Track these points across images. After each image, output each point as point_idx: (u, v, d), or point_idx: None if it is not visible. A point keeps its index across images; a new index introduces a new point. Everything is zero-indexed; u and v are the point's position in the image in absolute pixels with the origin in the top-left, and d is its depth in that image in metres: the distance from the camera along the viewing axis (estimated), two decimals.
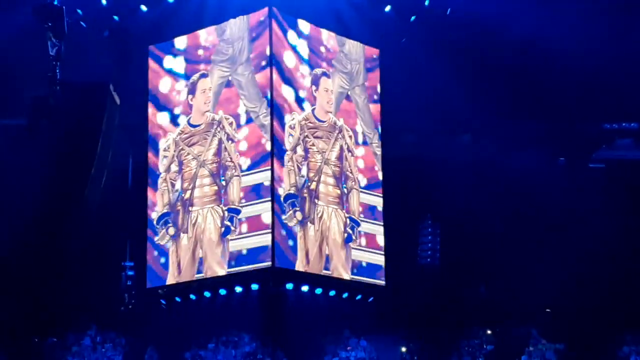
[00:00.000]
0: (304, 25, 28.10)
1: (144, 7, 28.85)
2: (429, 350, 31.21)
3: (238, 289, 27.53)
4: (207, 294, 27.88)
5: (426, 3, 29.20)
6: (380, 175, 29.04)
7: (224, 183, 27.29)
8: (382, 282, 28.71)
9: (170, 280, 27.62)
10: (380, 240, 28.68)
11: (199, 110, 28.17)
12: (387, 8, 29.27)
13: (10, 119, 30.20)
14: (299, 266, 26.85)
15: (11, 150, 29.77)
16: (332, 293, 28.09)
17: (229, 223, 27.01)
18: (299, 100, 27.74)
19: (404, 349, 31.32)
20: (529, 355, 30.91)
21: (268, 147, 26.71)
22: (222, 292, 27.71)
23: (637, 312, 30.95)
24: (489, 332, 31.80)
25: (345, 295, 28.40)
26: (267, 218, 26.45)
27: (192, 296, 28.09)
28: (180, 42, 28.59)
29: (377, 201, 28.83)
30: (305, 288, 27.60)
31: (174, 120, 28.53)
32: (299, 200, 27.08)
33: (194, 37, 28.38)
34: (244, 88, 27.48)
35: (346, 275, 27.77)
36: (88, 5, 28.60)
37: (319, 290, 27.86)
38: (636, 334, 31.12)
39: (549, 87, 30.25)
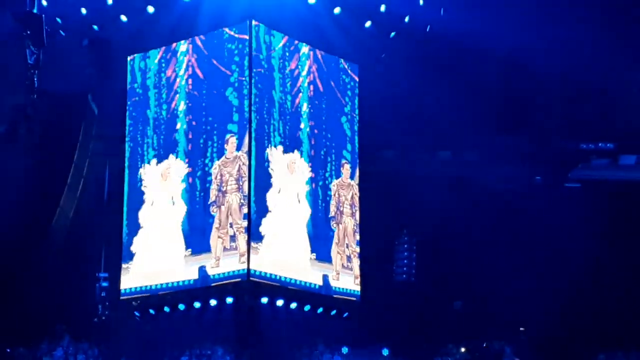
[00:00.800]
0: None
1: (123, 17, 28.78)
2: None
3: (213, 302, 27.35)
4: (181, 306, 27.71)
5: (406, 20, 29.31)
6: None
7: None
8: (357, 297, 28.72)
9: None
10: None
11: None
12: (368, 24, 29.34)
13: None
14: None
15: None
16: (307, 308, 28.00)
17: None
18: None
19: None
20: None
21: None
22: (197, 305, 27.52)
23: (611, 331, 31.04)
24: (462, 349, 31.74)
25: (320, 310, 28.30)
26: None
27: (166, 308, 27.90)
28: None
29: None
30: (280, 302, 27.47)
31: None
32: None
33: None
34: None
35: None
36: (68, 15, 28.54)
37: (293, 305, 27.75)
38: (610, 353, 31.21)
39: (527, 105, 30.54)
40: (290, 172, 27.74)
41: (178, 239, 27.61)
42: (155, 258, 27.97)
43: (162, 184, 28.11)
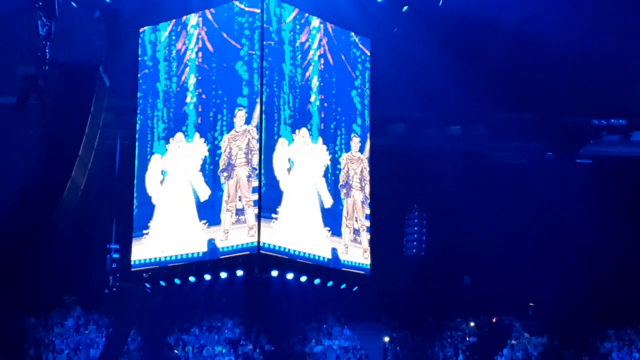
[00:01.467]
0: None
1: None
2: (412, 340, 31.22)
3: (223, 275, 27.45)
4: (191, 278, 27.79)
5: None
6: None
7: None
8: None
9: None
10: None
11: None
12: None
13: (0, 97, 30.05)
14: None
15: (0, 128, 29.75)
16: (316, 281, 28.04)
17: None
18: None
19: (387, 339, 31.34)
20: (512, 348, 30.99)
21: None
22: (207, 277, 27.63)
23: (620, 308, 31.09)
24: (472, 324, 31.86)
25: (329, 283, 28.35)
26: None
27: (177, 280, 28.01)
28: None
29: None
30: (290, 275, 27.54)
31: None
32: None
33: None
34: None
35: None
36: None
37: (303, 278, 27.81)
38: (619, 329, 31.26)
39: (539, 80, 30.34)
40: (302, 146, 27.85)
41: (190, 211, 27.72)
42: (167, 230, 28.08)
43: (174, 157, 28.26)
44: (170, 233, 27.85)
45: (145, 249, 28.14)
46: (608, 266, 31.25)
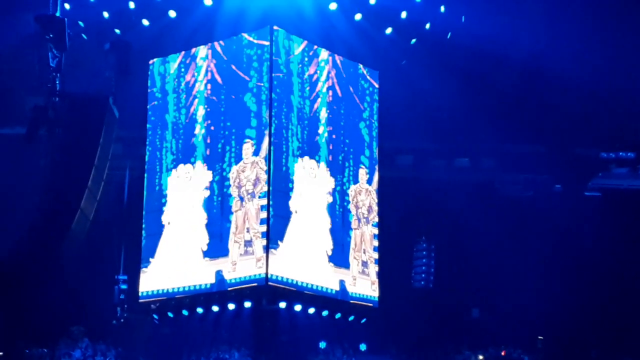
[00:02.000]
0: None
1: (145, 22, 28.99)
2: None
3: (231, 306, 27.45)
4: (199, 310, 27.82)
5: (427, 27, 29.31)
6: None
7: None
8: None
9: None
10: None
11: None
12: (388, 30, 29.38)
13: (10, 128, 30.22)
14: None
15: (10, 159, 29.87)
16: (324, 313, 28.02)
17: None
18: None
19: None
20: None
21: None
22: (215, 308, 27.64)
23: (631, 341, 30.89)
24: (480, 357, 31.67)
25: (337, 316, 28.33)
26: None
27: (185, 312, 28.01)
28: None
29: None
30: (298, 307, 27.52)
31: None
32: None
33: None
34: None
35: None
36: (90, 18, 28.76)
37: (311, 310, 27.78)
38: None
39: (548, 113, 30.41)
40: (310, 178, 27.87)
41: (197, 243, 27.77)
42: (175, 262, 28.11)
43: (182, 189, 28.31)
44: (177, 264, 27.96)
45: (153, 280, 28.21)
46: (618, 299, 31.10)
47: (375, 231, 29.00)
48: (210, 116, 27.96)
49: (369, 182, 29.23)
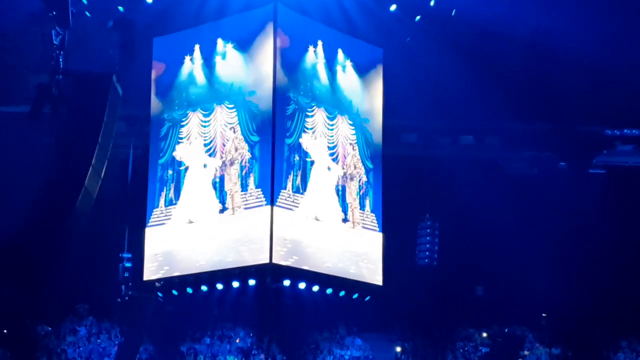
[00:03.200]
0: None
1: None
2: (423, 351, 31.16)
3: (235, 284, 27.47)
4: (204, 287, 27.85)
5: (431, 3, 29.20)
6: None
7: None
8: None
9: None
10: None
11: None
12: (393, 7, 29.26)
13: (14, 106, 30.16)
14: None
15: (13, 137, 29.84)
16: (329, 291, 28.04)
17: None
18: None
19: (398, 349, 31.28)
20: (524, 358, 30.90)
21: None
22: (219, 286, 27.66)
23: (634, 318, 30.93)
24: (484, 334, 31.76)
25: (341, 293, 28.35)
26: None
27: (189, 290, 28.04)
28: None
29: None
30: (302, 285, 27.55)
31: None
32: None
33: None
34: None
35: None
36: None
37: (315, 288, 27.82)
38: (631, 341, 31.12)
39: (552, 90, 30.30)
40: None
41: None
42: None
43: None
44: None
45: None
46: (622, 277, 31.15)
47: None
48: None
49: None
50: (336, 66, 28.77)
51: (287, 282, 27.40)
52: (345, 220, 28.29)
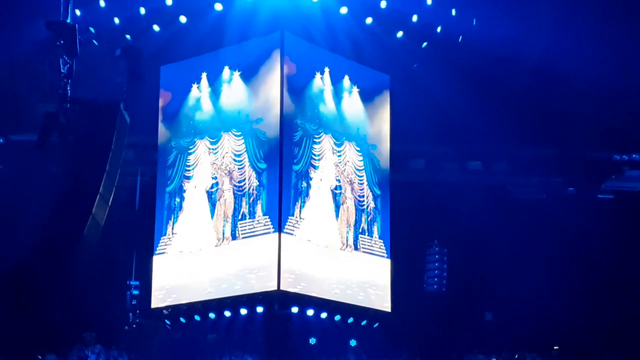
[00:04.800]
0: None
1: (156, 27, 29.05)
2: None
3: (243, 311, 27.45)
4: (211, 315, 27.84)
5: (438, 30, 29.29)
6: None
7: None
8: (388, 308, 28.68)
9: None
10: None
11: None
12: (399, 34, 29.35)
13: (22, 135, 30.28)
14: None
15: (21, 165, 29.93)
16: (337, 318, 28.00)
17: None
18: None
19: None
20: None
21: None
22: (227, 314, 27.65)
23: None
24: None
25: (350, 320, 28.30)
26: None
27: (197, 317, 28.03)
28: None
29: None
30: (310, 312, 27.51)
31: None
32: None
33: None
34: None
35: None
36: (101, 24, 28.82)
37: (324, 315, 27.78)
38: None
39: (560, 115, 30.29)
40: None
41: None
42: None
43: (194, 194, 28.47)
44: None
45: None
46: (633, 303, 30.99)
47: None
48: None
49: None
50: (343, 92, 28.82)
51: (295, 309, 27.38)
52: (354, 247, 28.25)
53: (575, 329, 30.30)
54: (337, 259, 27.83)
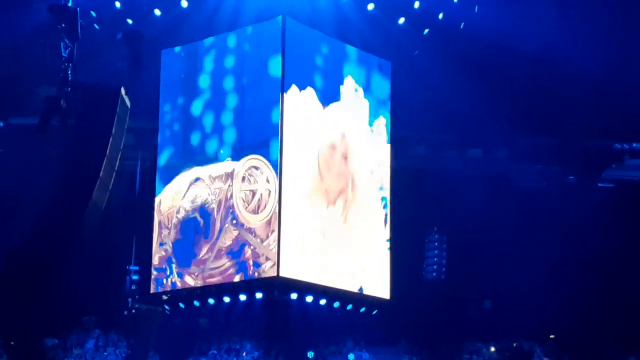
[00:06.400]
0: None
1: (157, 11, 28.95)
2: None
3: (242, 297, 27.47)
4: (211, 301, 27.85)
5: (440, 17, 29.24)
6: None
7: None
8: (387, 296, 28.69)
9: None
10: None
11: None
12: (401, 20, 29.31)
13: (22, 118, 30.24)
14: None
15: (21, 149, 29.91)
16: (336, 304, 28.03)
17: None
18: None
19: None
20: None
21: None
22: (226, 299, 27.66)
23: None
24: (492, 348, 31.64)
25: (349, 307, 28.34)
26: None
27: (196, 302, 28.06)
28: None
29: None
30: (309, 298, 27.55)
31: None
32: None
33: None
34: None
35: None
36: (102, 8, 28.72)
37: (323, 301, 27.80)
38: None
39: (561, 104, 30.28)
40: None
41: None
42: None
43: None
44: None
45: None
46: (631, 291, 31.05)
47: None
48: None
49: None
50: (344, 78, 28.76)
51: (294, 296, 27.41)
52: (353, 233, 28.26)
53: (574, 317, 30.35)
54: (338, 246, 27.79)
